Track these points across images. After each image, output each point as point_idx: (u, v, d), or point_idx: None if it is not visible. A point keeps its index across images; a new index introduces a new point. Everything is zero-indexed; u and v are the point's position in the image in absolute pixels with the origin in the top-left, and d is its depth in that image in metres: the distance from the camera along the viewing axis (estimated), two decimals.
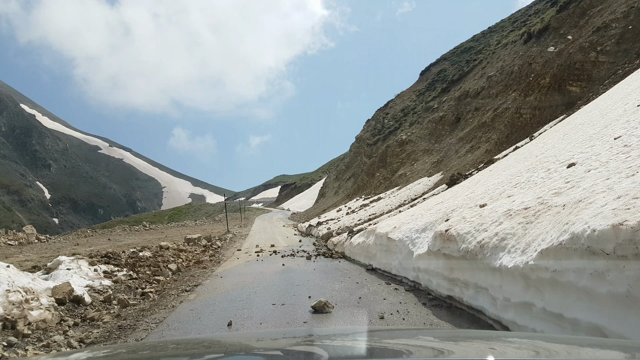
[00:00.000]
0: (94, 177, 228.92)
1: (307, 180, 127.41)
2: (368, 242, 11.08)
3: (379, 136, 56.66)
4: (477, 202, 7.33)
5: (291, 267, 10.94)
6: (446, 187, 15.93)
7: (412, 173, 37.01)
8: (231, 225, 38.37)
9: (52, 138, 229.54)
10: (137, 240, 20.41)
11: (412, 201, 23.64)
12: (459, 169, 26.94)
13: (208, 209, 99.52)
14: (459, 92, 42.23)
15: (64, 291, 6.65)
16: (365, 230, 12.43)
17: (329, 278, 8.84)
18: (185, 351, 1.82)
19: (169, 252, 14.25)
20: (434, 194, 14.94)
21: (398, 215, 11.89)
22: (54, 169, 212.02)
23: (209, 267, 11.80)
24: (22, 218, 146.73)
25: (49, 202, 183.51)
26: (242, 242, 21.83)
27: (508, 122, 25.34)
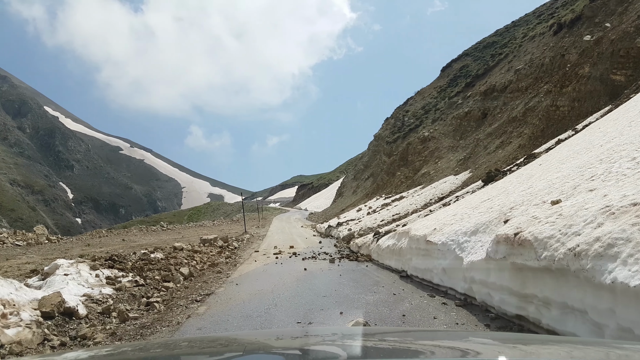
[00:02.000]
0: (115, 178, 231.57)
1: (325, 180, 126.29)
2: (400, 246, 9.89)
3: (398, 134, 55.35)
4: (543, 198, 6.08)
5: (314, 272, 9.82)
6: (482, 185, 14.61)
7: (436, 171, 35.61)
8: (249, 225, 37.49)
9: (74, 139, 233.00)
10: (153, 241, 19.56)
11: (440, 200, 22.31)
12: (489, 165, 25.57)
13: (226, 209, 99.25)
14: (484, 86, 40.63)
15: (53, 303, 5.63)
16: (395, 232, 11.24)
17: (359, 287, 7.68)
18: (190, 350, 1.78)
19: (183, 254, 13.27)
20: (470, 192, 13.67)
21: (434, 215, 10.67)
22: (77, 170, 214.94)
23: (224, 270, 10.75)
24: (45, 218, 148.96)
25: (71, 202, 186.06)
26: (260, 243, 20.82)
27: (543, 116, 23.79)
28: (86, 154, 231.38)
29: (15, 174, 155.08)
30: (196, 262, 12.14)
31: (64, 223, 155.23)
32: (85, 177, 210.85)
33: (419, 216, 14.45)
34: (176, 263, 11.22)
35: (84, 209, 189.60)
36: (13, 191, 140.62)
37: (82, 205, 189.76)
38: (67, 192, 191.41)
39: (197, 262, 12.06)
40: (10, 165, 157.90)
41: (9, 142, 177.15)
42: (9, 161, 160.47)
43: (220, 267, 11.32)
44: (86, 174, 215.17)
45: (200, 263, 12.16)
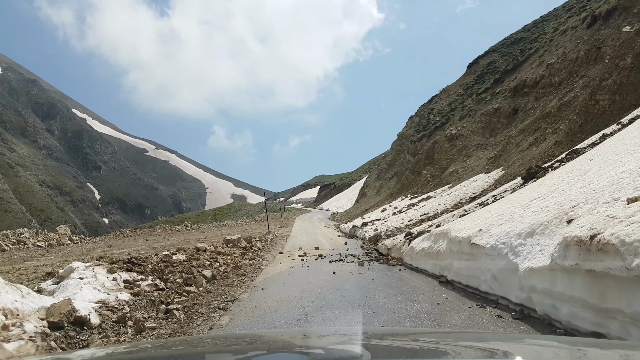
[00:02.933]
0: (141, 179, 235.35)
1: (347, 180, 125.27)
2: (438, 248, 9.12)
3: (423, 132, 54.26)
4: (612, 195, 5.26)
5: (343, 276, 9.14)
6: (522, 182, 13.67)
7: (465, 170, 34.54)
8: (271, 225, 37.02)
9: (101, 141, 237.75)
10: (176, 241, 19.20)
11: (473, 200, 21.38)
12: (523, 163, 24.55)
13: (249, 209, 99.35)
14: (514, 82, 39.31)
15: (62, 312, 5.10)
16: (430, 234, 10.46)
17: (396, 294, 6.96)
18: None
19: (206, 255, 12.76)
20: (510, 190, 12.77)
21: (474, 215, 9.86)
22: (104, 171, 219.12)
23: (248, 273, 10.16)
24: (74, 218, 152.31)
25: (99, 202, 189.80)
26: (284, 243, 20.25)
27: (581, 111, 22.55)
28: (113, 156, 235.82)
29: (45, 175, 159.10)
30: (219, 264, 11.61)
31: (92, 223, 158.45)
32: (112, 178, 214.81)
33: (453, 216, 13.60)
34: (199, 265, 10.70)
35: (111, 209, 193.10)
36: (42, 192, 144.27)
37: (109, 206, 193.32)
38: (95, 192, 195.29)
39: (220, 264, 11.52)
40: (39, 166, 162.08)
41: (38, 144, 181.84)
42: (39, 163, 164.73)
43: (244, 270, 10.74)
44: (113, 175, 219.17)
45: (223, 265, 11.62)
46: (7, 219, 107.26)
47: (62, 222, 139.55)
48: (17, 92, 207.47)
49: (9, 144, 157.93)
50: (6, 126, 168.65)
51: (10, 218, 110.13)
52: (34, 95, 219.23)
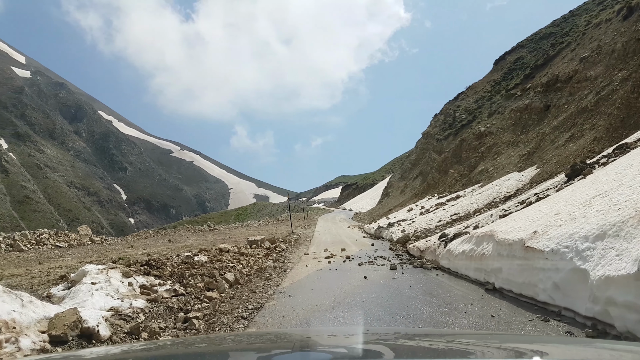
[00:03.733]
0: (166, 179, 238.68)
1: (369, 180, 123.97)
2: (481, 252, 8.28)
3: (450, 130, 53.07)
4: None
5: (376, 281, 8.39)
6: (566, 180, 12.66)
7: (496, 168, 33.35)
8: (294, 225, 36.45)
9: (127, 143, 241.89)
10: (198, 242, 18.75)
11: (508, 199, 20.35)
12: (560, 160, 23.39)
13: (271, 209, 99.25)
14: (545, 77, 37.86)
15: (66, 323, 4.50)
16: (470, 235, 9.61)
17: (440, 304, 6.18)
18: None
19: (229, 257, 12.18)
20: (554, 188, 11.78)
21: (522, 215, 8.95)
22: (130, 172, 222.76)
23: (273, 277, 9.50)
24: (100, 218, 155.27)
25: (125, 202, 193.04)
26: (308, 244, 19.58)
27: (622, 105, 21.22)
28: (139, 157, 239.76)
29: (73, 176, 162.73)
30: (242, 265, 11.00)
31: (118, 223, 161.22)
32: (138, 179, 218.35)
33: (492, 216, 12.68)
34: (221, 267, 10.10)
35: (137, 209, 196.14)
36: (70, 193, 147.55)
37: (135, 206, 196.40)
38: (121, 193, 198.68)
39: (243, 266, 10.91)
40: (67, 168, 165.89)
41: (66, 146, 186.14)
42: (67, 164, 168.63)
43: (268, 273, 10.09)
44: (139, 176, 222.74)
45: (247, 267, 11.00)
46: (37, 219, 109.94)
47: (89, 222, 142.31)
48: (45, 95, 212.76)
49: (38, 145, 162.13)
50: (35, 128, 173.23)
51: (39, 218, 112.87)
52: (62, 98, 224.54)
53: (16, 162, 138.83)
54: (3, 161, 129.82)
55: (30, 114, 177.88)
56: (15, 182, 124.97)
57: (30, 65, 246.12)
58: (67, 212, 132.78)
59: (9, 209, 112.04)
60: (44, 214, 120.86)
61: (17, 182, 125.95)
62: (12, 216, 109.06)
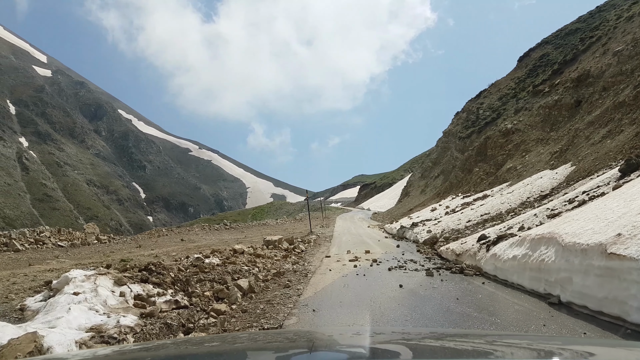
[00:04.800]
0: (184, 178, 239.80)
1: (388, 179, 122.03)
2: (540, 258, 6.96)
3: (473, 128, 51.61)
4: None
5: (415, 291, 7.14)
6: (620, 175, 11.22)
7: (525, 166, 31.78)
8: (313, 224, 35.31)
9: (146, 141, 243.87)
10: (213, 241, 17.72)
11: (544, 198, 18.87)
12: (598, 157, 21.81)
13: (288, 208, 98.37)
14: (576, 72, 36.13)
15: (20, 353, 3.36)
16: (521, 238, 8.27)
17: (504, 325, 4.91)
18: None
19: (243, 259, 11.05)
20: (609, 185, 10.35)
21: (587, 214, 7.56)
22: (149, 170, 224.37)
23: (292, 284, 8.30)
24: (119, 216, 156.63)
25: (143, 201, 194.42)
26: (329, 245, 18.36)
27: None
28: (158, 156, 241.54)
29: (92, 174, 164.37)
30: (258, 269, 9.83)
31: (137, 221, 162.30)
32: (156, 178, 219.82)
33: (535, 216, 11.28)
34: (234, 271, 8.96)
35: (155, 207, 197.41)
36: (89, 191, 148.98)
37: (154, 204, 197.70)
38: (140, 191, 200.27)
39: (259, 270, 9.75)
40: (87, 166, 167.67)
41: (86, 144, 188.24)
42: (86, 162, 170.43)
43: (287, 278, 8.91)
44: (157, 175, 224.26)
45: (263, 270, 9.84)
46: (56, 217, 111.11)
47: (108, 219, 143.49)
48: (66, 94, 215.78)
49: (58, 143, 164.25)
50: (55, 127, 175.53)
51: (58, 215, 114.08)
52: (82, 96, 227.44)
53: (36, 160, 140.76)
54: (24, 159, 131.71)
55: (50, 112, 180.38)
56: (36, 180, 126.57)
57: (52, 65, 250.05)
58: (86, 210, 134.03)
59: (29, 207, 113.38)
60: (63, 212, 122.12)
61: (37, 180, 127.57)
62: (32, 214, 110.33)
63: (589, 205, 8.84)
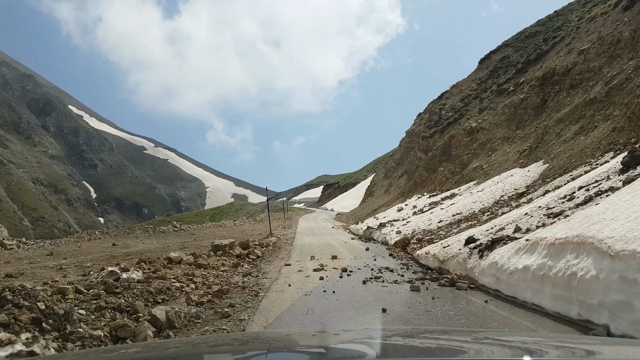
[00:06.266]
0: (139, 177, 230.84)
1: (351, 179, 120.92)
2: (569, 270, 5.16)
3: (436, 128, 51.19)
4: None
5: (405, 317, 5.21)
6: (622, 168, 9.76)
7: (491, 165, 30.94)
8: (274, 226, 33.07)
9: (99, 138, 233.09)
10: (151, 247, 15.28)
11: (521, 196, 17.58)
12: (573, 154, 20.92)
13: (250, 209, 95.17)
14: (541, 71, 35.84)
15: None
16: (532, 243, 6.48)
17: None
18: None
19: (178, 271, 8.80)
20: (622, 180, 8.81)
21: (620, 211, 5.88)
22: (100, 169, 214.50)
23: (235, 310, 6.08)
24: (68, 217, 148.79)
25: (94, 201, 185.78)
26: (290, 249, 16.28)
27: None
28: (110, 153, 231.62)
29: (38, 172, 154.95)
30: (195, 285, 7.62)
31: (87, 222, 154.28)
32: (108, 177, 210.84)
33: (526, 214, 9.62)
34: (159, 290, 6.74)
35: (107, 208, 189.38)
36: (36, 190, 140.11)
37: (106, 205, 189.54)
38: (90, 191, 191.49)
39: (196, 287, 7.54)
40: (33, 164, 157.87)
41: (32, 140, 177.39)
42: (32, 160, 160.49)
43: (231, 300, 6.73)
44: (110, 174, 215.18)
45: (201, 287, 7.63)
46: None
47: (55, 221, 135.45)
48: (11, 88, 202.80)
49: (2, 140, 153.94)
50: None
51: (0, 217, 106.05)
52: (30, 91, 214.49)
53: None
54: None
55: None
56: None
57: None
58: (32, 211, 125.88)
59: None
60: (6, 213, 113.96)
61: None
62: None
63: (606, 201, 7.18)
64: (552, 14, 52.95)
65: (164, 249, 13.88)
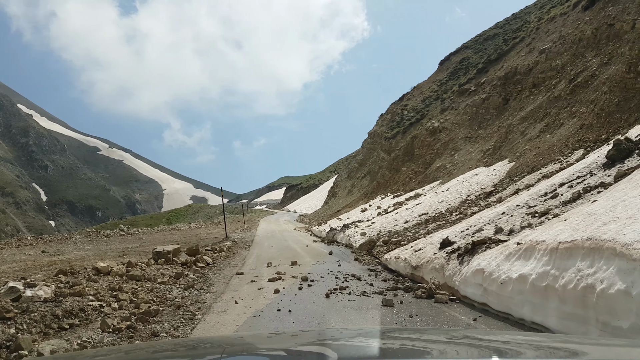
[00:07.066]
0: (92, 179, 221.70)
1: (314, 180, 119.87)
2: (586, 283, 4.10)
3: (398, 129, 51.03)
4: None
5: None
6: (607, 162, 8.98)
7: (455, 164, 30.57)
8: (232, 228, 31.40)
9: (49, 139, 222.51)
10: (88, 254, 13.53)
11: (490, 195, 16.90)
12: (541, 152, 20.56)
13: (208, 211, 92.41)
14: (502, 71, 35.92)
15: None
16: (525, 248, 5.43)
17: None
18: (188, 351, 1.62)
19: (104, 284, 7.29)
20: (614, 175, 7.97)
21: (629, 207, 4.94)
22: (51, 170, 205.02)
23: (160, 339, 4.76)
24: (16, 221, 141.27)
25: (45, 204, 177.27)
26: (246, 254, 14.87)
27: (614, 88, 18.46)
28: (61, 154, 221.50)
29: None
30: (119, 305, 6.15)
31: (37, 226, 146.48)
32: (60, 178, 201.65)
33: (506, 215, 8.67)
34: (69, 313, 5.27)
35: (59, 211, 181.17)
36: None
37: (57, 208, 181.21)
38: (41, 193, 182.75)
39: (119, 306, 6.08)
40: None
41: None
42: None
43: (159, 324, 5.32)
44: (61, 175, 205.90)
45: (128, 305, 6.17)
46: None
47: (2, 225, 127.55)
48: None
49: None
50: None
51: None
52: None
53: None
54: None
55: None
56: None
57: None
58: None
59: None
60: None
61: None
62: None
63: (607, 197, 6.24)
64: (510, 17, 53.84)
65: (99, 256, 12.20)
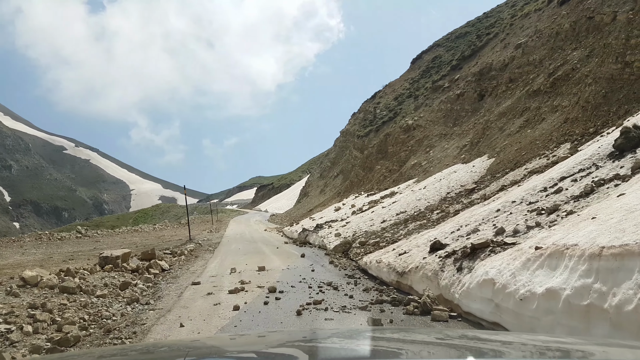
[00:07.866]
0: (58, 179, 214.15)
1: (286, 180, 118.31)
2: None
3: (371, 127, 50.36)
4: None
5: None
6: (614, 152, 8.05)
7: (430, 162, 29.81)
8: (199, 229, 29.73)
9: (13, 138, 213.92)
10: (30, 259, 11.90)
11: (471, 192, 15.99)
12: (523, 147, 19.85)
13: (177, 211, 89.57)
14: (477, 67, 35.38)
15: None
16: (556, 253, 4.30)
17: None
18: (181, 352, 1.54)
19: (27, 299, 5.81)
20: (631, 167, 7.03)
21: None
22: (15, 170, 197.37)
23: None
24: None
25: (8, 205, 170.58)
26: (209, 258, 13.44)
27: (599, 80, 17.84)
28: (26, 154, 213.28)
29: None
30: (34, 328, 4.72)
31: (0, 228, 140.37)
32: (24, 179, 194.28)
33: (501, 212, 7.62)
34: None
35: (23, 212, 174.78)
36: None
37: (21, 209, 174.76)
38: (4, 194, 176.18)
39: (34, 330, 4.65)
40: None
41: None
42: None
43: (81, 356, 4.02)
44: (26, 175, 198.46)
45: (48, 328, 4.77)
46: None
47: None
48: None
49: None
50: None
51: None
52: None
53: None
54: None
55: None
56: None
57: None
58: None
59: None
60: None
61: None
62: None
63: (633, 190, 5.21)
64: (481, 16, 53.77)
65: (41, 262, 10.59)
